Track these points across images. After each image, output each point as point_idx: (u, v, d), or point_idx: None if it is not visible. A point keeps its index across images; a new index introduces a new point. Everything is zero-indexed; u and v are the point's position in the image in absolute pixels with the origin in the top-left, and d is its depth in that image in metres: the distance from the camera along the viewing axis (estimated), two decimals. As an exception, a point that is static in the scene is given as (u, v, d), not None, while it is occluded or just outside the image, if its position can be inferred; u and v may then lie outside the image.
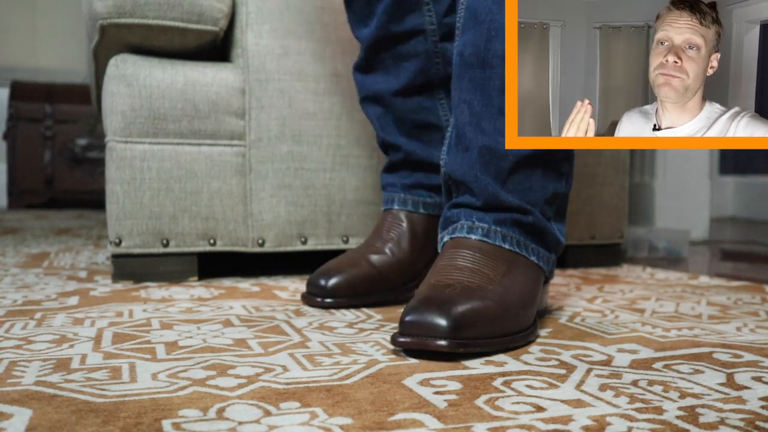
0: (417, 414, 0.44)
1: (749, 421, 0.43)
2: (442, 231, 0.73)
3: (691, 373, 0.54)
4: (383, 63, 0.88)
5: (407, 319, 0.59)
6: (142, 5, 0.94)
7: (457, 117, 0.71)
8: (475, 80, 0.69)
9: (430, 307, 0.58)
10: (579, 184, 1.23)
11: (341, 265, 0.84)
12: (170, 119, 0.99)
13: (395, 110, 0.89)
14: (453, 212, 0.72)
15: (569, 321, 0.74)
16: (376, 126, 0.92)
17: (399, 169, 0.91)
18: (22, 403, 0.45)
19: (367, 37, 0.87)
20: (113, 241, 0.97)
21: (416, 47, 0.86)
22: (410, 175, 0.90)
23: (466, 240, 0.68)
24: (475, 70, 0.69)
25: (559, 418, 0.43)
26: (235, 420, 0.42)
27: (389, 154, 0.92)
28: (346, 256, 0.87)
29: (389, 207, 0.89)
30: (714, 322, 0.74)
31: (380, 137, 0.92)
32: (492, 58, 0.68)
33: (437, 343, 0.57)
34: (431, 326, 0.57)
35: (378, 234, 0.88)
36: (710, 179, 1.81)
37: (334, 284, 0.82)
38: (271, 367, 0.54)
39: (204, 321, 0.72)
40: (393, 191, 0.90)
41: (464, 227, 0.70)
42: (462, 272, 0.65)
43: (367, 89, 0.90)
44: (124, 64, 0.98)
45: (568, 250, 1.23)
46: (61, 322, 0.71)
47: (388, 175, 0.92)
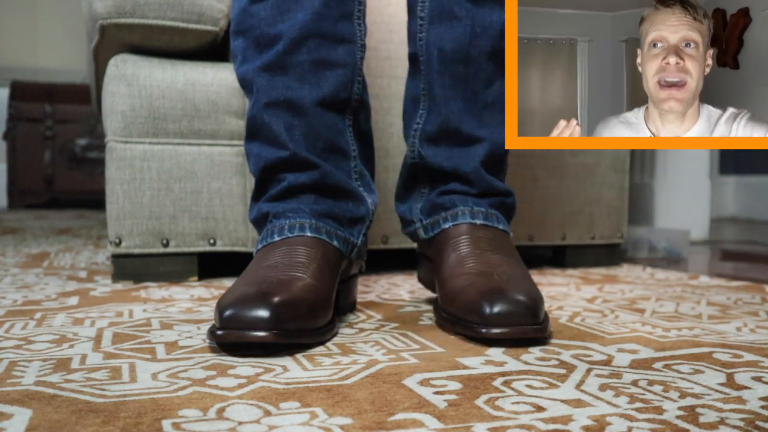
0: (417, 414, 0.44)
1: (749, 421, 0.43)
2: (431, 216, 0.78)
3: (691, 373, 0.54)
4: (300, 67, 0.73)
5: (497, 310, 0.62)
6: (142, 5, 0.94)
7: (440, 111, 0.77)
8: (459, 76, 0.76)
9: (518, 301, 0.63)
10: (579, 184, 1.23)
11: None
12: (170, 119, 0.99)
13: (311, 123, 0.74)
14: (445, 198, 0.77)
15: (569, 321, 0.74)
16: (283, 137, 0.73)
17: (301, 193, 0.74)
18: (22, 403, 0.45)
19: (291, 30, 0.72)
20: (113, 241, 0.97)
21: (344, 57, 0.75)
22: (319, 201, 0.74)
23: (473, 226, 0.75)
24: (458, 66, 0.75)
25: (559, 418, 0.43)
26: (235, 420, 0.42)
27: (287, 175, 0.74)
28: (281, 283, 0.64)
29: (298, 234, 0.71)
30: (714, 322, 0.74)
31: (284, 153, 0.74)
32: (478, 55, 0.75)
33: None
34: (523, 313, 0.62)
35: (290, 261, 0.68)
36: (710, 179, 1.81)
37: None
38: (271, 367, 0.54)
39: (204, 321, 0.72)
40: (299, 217, 0.72)
41: (466, 213, 0.76)
42: (497, 258, 0.71)
43: (278, 93, 0.73)
44: (124, 64, 0.98)
45: (568, 250, 1.23)
46: (61, 322, 0.71)
47: (284, 202, 0.74)
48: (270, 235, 0.72)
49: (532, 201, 1.20)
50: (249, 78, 0.76)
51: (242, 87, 0.79)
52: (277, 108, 0.73)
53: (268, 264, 0.67)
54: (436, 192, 0.79)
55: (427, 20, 0.76)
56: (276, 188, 0.75)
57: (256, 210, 0.77)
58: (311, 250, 0.69)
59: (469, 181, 0.77)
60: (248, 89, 0.77)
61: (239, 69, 0.78)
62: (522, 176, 1.19)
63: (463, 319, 0.65)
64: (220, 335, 0.58)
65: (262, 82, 0.74)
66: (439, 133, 0.77)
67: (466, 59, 0.75)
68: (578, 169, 1.23)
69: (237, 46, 0.77)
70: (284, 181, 0.74)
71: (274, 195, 0.75)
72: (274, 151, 0.74)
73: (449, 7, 0.75)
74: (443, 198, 0.78)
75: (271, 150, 0.74)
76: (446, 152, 0.77)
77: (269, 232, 0.72)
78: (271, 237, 0.72)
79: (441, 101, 0.77)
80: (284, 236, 0.71)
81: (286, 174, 0.74)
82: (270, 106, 0.74)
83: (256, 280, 0.64)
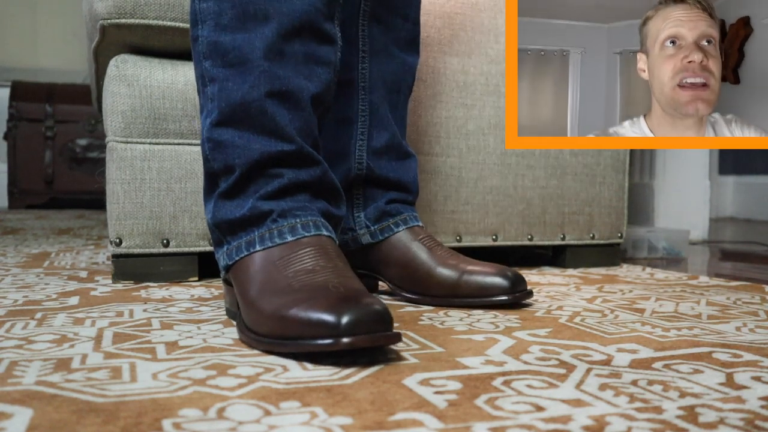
0: (417, 414, 0.44)
1: (749, 420, 0.43)
2: (380, 222, 0.88)
3: (691, 372, 0.54)
4: (294, 57, 0.68)
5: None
6: (143, 5, 0.95)
7: (387, 128, 0.89)
8: (393, 103, 0.90)
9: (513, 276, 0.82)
10: (579, 184, 1.23)
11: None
12: (170, 119, 0.99)
13: (306, 119, 0.69)
14: (391, 206, 0.89)
15: (569, 321, 0.74)
16: (288, 130, 0.68)
17: (299, 191, 0.70)
18: (22, 403, 0.45)
19: (290, 14, 0.67)
20: (113, 241, 0.98)
21: (329, 55, 0.71)
22: (313, 200, 0.70)
23: (422, 228, 0.88)
24: (393, 95, 0.90)
25: (559, 417, 0.43)
26: (235, 420, 0.42)
27: (285, 171, 0.69)
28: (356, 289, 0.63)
29: (315, 233, 0.67)
30: (714, 322, 0.74)
31: (289, 147, 0.68)
32: (404, 88, 0.91)
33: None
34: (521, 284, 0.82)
35: (325, 263, 0.65)
36: (710, 179, 1.81)
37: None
38: (271, 366, 0.54)
39: (204, 321, 0.72)
40: (309, 215, 0.69)
41: (413, 218, 0.89)
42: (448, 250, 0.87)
43: (281, 83, 0.67)
44: (125, 65, 0.98)
45: (568, 250, 1.23)
46: (61, 321, 0.71)
47: (284, 200, 0.69)
48: (279, 234, 0.67)
49: (532, 201, 1.20)
50: (239, 52, 0.67)
51: (203, 54, 0.69)
52: (280, 98, 0.67)
53: (307, 267, 0.63)
54: (384, 200, 0.89)
55: (369, 54, 0.87)
56: (272, 184, 0.68)
57: (248, 207, 0.68)
58: (335, 249, 0.67)
59: (408, 190, 0.90)
60: (221, 61, 0.68)
61: (209, 35, 0.68)
62: (522, 176, 1.19)
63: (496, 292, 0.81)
64: (347, 342, 0.54)
65: (262, 66, 0.66)
66: (386, 147, 0.89)
67: (398, 90, 0.90)
68: (578, 169, 1.23)
69: (206, 7, 0.68)
70: (282, 177, 0.68)
71: (271, 192, 0.68)
72: (275, 144, 0.68)
73: (386, 46, 0.88)
74: (390, 206, 0.89)
75: (269, 142, 0.68)
76: (390, 165, 0.89)
77: (277, 232, 0.67)
78: (280, 237, 0.66)
79: (386, 121, 0.89)
80: (299, 235, 0.66)
81: (283, 170, 0.68)
82: (273, 95, 0.67)
83: (316, 284, 0.60)
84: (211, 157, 0.69)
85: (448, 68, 1.13)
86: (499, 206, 1.18)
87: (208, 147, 0.69)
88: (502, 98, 1.16)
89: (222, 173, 0.69)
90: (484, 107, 1.16)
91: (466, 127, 1.15)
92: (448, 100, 1.14)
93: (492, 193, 1.17)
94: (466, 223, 1.16)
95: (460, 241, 1.15)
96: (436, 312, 0.79)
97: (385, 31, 0.89)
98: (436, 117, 1.13)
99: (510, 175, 1.19)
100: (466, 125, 1.15)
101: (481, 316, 0.76)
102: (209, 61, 0.68)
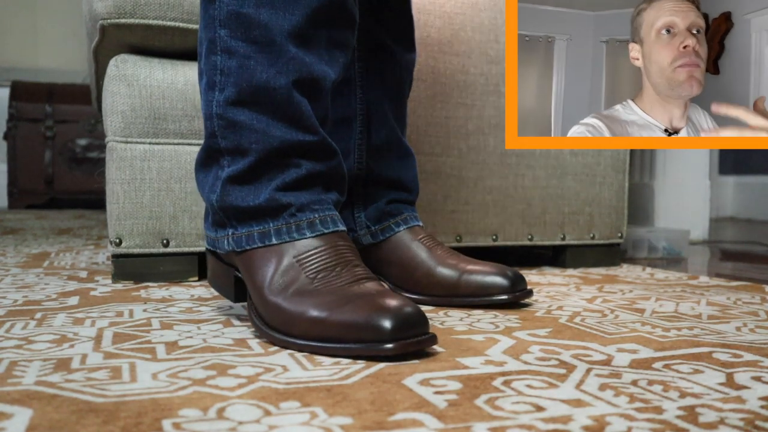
0: (417, 414, 0.44)
1: (749, 420, 0.43)
2: (380, 223, 0.87)
3: (691, 372, 0.54)
4: (319, 43, 0.66)
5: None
6: (143, 5, 0.95)
7: (386, 125, 0.87)
8: (394, 100, 0.89)
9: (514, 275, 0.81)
10: (579, 184, 1.23)
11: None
12: (170, 119, 0.99)
13: (326, 106, 0.69)
14: (392, 206, 0.88)
15: (569, 321, 0.74)
16: (312, 121, 0.66)
17: (315, 183, 0.68)
18: (22, 403, 0.45)
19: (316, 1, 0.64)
20: (113, 241, 0.98)
21: (350, 38, 0.69)
22: (324, 192, 0.69)
23: (422, 228, 0.88)
24: (391, 91, 0.88)
25: (559, 417, 0.43)
26: (235, 420, 0.42)
27: (304, 162, 0.67)
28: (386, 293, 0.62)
29: (333, 229, 0.66)
30: (714, 322, 0.74)
31: (311, 138, 0.67)
32: (403, 84, 0.89)
33: None
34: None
35: (353, 259, 0.66)
36: (710, 179, 1.81)
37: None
38: (271, 366, 0.54)
39: (204, 321, 0.72)
40: (326, 210, 0.67)
41: (413, 217, 0.88)
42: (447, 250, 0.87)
43: (307, 70, 0.65)
44: (125, 65, 0.98)
45: (568, 250, 1.23)
46: (61, 322, 0.71)
47: (300, 192, 0.67)
48: (297, 229, 0.65)
49: (532, 201, 1.20)
50: (265, 30, 0.63)
51: (220, 21, 0.64)
52: (306, 87, 0.65)
53: (329, 267, 0.63)
54: (384, 201, 0.88)
55: (365, 51, 0.86)
56: (289, 174, 0.66)
57: (264, 197, 0.66)
58: (351, 245, 0.67)
59: (409, 189, 0.90)
60: (243, 35, 0.64)
61: (229, 1, 0.64)
62: (522, 176, 1.19)
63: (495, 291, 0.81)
64: (392, 348, 0.55)
65: (290, 52, 0.63)
66: (385, 145, 0.88)
67: (396, 86, 0.89)
68: (578, 169, 1.23)
69: None
70: (300, 167, 0.66)
71: (289, 183, 0.66)
72: (296, 134, 0.65)
73: (383, 42, 0.86)
74: (391, 206, 0.88)
75: (291, 132, 0.65)
76: (390, 163, 0.88)
77: (295, 227, 0.65)
78: (299, 232, 0.65)
79: (384, 118, 0.88)
80: (318, 232, 0.65)
81: (302, 160, 0.66)
82: (299, 84, 0.65)
83: (344, 286, 0.61)
84: (221, 134, 0.66)
85: (448, 68, 1.13)
86: (499, 206, 1.18)
87: (219, 124, 0.66)
88: (502, 98, 1.16)
89: (229, 153, 0.66)
90: (484, 107, 1.16)
91: (466, 127, 1.15)
92: (448, 100, 1.14)
93: (492, 193, 1.17)
94: (466, 223, 1.16)
95: (460, 241, 1.15)
96: (436, 312, 0.79)
97: (380, 28, 0.88)
98: (436, 117, 1.13)
99: (510, 175, 1.19)
100: (466, 125, 1.15)
101: (481, 316, 0.76)
102: (226, 30, 0.64)
